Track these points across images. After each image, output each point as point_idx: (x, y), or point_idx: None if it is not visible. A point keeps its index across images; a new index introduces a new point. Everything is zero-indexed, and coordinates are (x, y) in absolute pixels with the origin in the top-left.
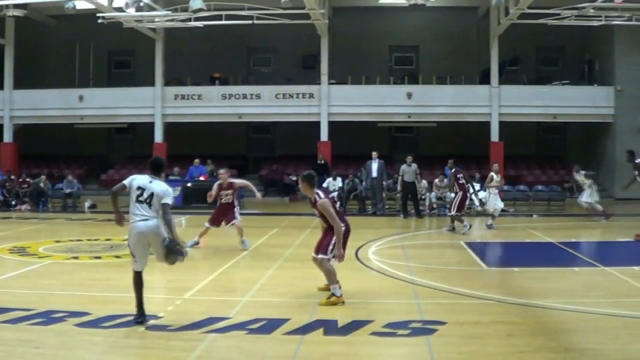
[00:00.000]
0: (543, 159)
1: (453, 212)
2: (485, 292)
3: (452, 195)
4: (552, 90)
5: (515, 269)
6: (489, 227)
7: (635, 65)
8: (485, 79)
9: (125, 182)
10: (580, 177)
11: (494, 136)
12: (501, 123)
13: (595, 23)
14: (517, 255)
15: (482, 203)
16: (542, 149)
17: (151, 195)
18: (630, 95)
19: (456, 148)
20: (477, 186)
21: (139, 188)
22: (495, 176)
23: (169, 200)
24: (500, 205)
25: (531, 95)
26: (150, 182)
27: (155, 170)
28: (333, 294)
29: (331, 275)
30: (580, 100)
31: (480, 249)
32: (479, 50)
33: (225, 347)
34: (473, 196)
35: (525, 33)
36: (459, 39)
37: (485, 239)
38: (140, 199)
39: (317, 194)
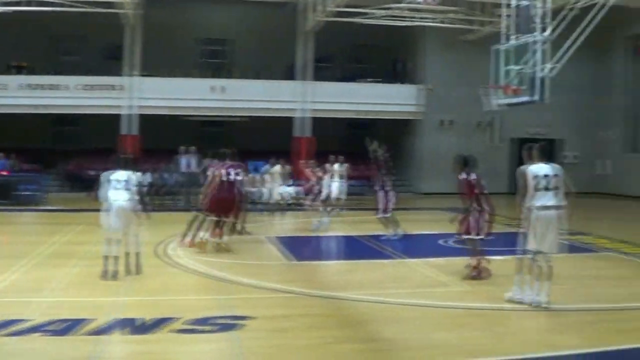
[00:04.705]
0: (354, 155)
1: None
2: (292, 286)
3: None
4: (361, 87)
5: (322, 262)
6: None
7: (443, 65)
8: (296, 75)
9: None
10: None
11: (305, 131)
12: (312, 118)
13: (407, 23)
14: (323, 249)
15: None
16: (351, 145)
17: None
18: (437, 94)
19: (268, 143)
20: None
21: None
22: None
23: None
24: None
25: (341, 92)
26: None
27: None
28: None
29: None
30: (389, 97)
31: (287, 243)
32: (291, 46)
33: (20, 350)
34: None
35: (339, 31)
36: (271, 34)
37: (292, 233)
38: None
39: None
